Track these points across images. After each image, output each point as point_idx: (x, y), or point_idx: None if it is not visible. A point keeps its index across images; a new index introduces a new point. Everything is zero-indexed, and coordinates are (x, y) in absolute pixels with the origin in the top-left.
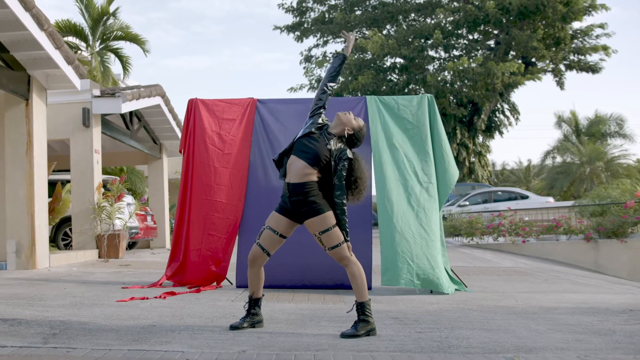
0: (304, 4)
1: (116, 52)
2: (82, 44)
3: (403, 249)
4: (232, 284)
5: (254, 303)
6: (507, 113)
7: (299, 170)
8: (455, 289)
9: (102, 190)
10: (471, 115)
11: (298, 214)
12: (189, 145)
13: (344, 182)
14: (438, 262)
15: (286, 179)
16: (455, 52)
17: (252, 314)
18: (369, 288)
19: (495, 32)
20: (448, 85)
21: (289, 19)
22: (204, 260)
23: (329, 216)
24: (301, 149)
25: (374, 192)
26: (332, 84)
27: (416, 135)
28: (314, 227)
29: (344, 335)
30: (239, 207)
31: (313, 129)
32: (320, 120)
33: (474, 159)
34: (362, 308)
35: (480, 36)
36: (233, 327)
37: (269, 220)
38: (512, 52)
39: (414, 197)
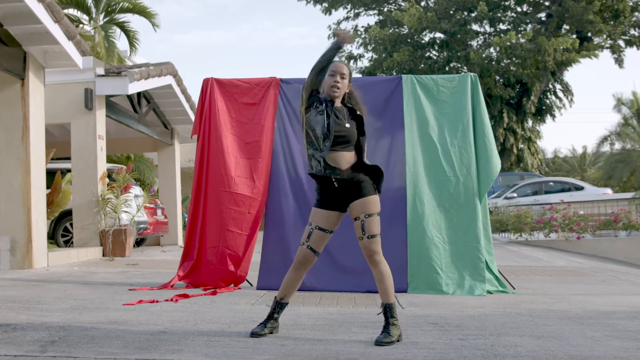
0: None
1: (122, 26)
2: (85, 17)
3: (432, 256)
4: (252, 285)
5: (280, 307)
6: (560, 94)
7: (349, 159)
8: (500, 291)
9: (107, 180)
10: (520, 96)
11: (345, 200)
12: (204, 130)
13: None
14: (470, 266)
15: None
16: (502, 26)
17: (275, 319)
18: (406, 291)
19: (547, 3)
20: (494, 63)
21: None
22: (222, 259)
23: (378, 200)
24: (336, 139)
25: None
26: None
27: (456, 121)
28: (362, 208)
29: (380, 343)
30: (261, 201)
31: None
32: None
33: (522, 146)
34: (391, 310)
35: (530, 8)
36: (254, 334)
37: (315, 219)
38: (565, 26)
39: (447, 195)
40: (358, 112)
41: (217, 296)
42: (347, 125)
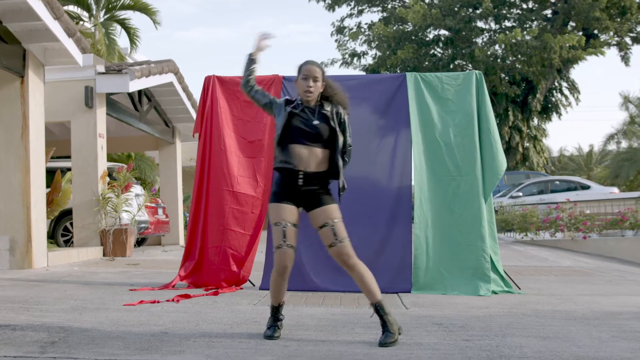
0: None
1: (123, 24)
2: (85, 14)
3: (436, 255)
4: (254, 285)
5: (279, 309)
6: (566, 92)
7: (317, 157)
8: (506, 291)
9: (107, 179)
10: (525, 94)
11: (303, 199)
12: (205, 129)
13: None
14: (475, 266)
15: (296, 166)
16: (508, 23)
17: (280, 320)
18: (410, 291)
19: (553, 0)
20: (499, 60)
21: None
22: (224, 259)
23: (338, 208)
24: (303, 135)
25: (412, 182)
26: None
27: (461, 119)
28: (326, 214)
29: (384, 344)
30: (264, 200)
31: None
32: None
33: (528, 144)
34: (382, 308)
35: (536, 5)
36: (271, 338)
37: (284, 216)
38: (571, 23)
39: (452, 195)
40: (325, 111)
41: (219, 296)
42: (315, 122)
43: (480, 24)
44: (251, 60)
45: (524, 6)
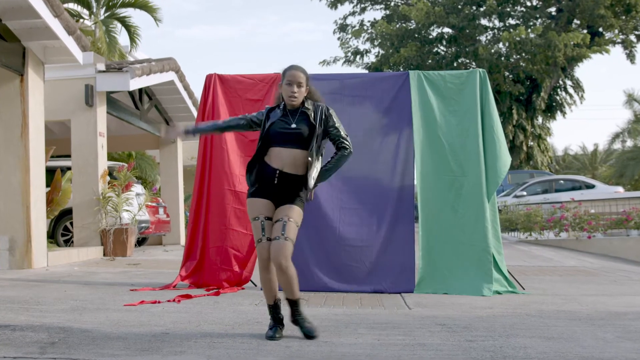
0: None
1: (123, 21)
2: (85, 12)
3: (439, 255)
4: (256, 285)
5: (278, 308)
6: (570, 90)
7: (295, 158)
8: (510, 291)
9: (108, 178)
10: (529, 93)
11: (277, 195)
12: None
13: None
14: (478, 266)
15: (274, 165)
16: (512, 21)
17: (281, 318)
18: (413, 291)
19: None
20: (503, 58)
21: None
22: (226, 259)
23: (302, 214)
24: (282, 138)
25: (415, 182)
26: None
27: (464, 118)
28: (287, 212)
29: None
30: None
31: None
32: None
33: (532, 143)
34: (299, 306)
35: (540, 3)
36: (272, 338)
37: (260, 210)
38: (576, 21)
39: (455, 194)
40: (306, 109)
41: (220, 297)
42: (293, 125)
43: (484, 21)
44: (195, 131)
45: (528, 4)
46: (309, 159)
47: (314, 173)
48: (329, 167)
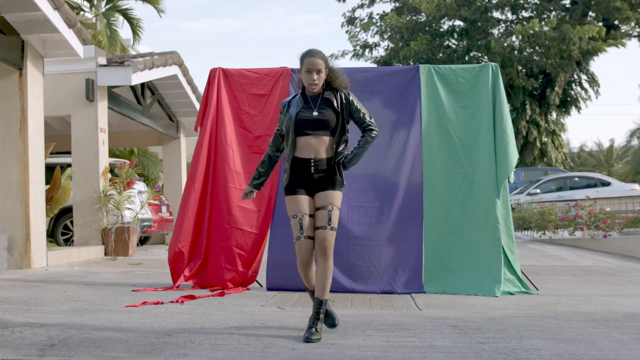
0: None
1: (125, 14)
2: (86, 4)
3: (449, 255)
4: (261, 286)
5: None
6: (585, 85)
7: (325, 144)
8: (523, 292)
9: (109, 175)
10: (543, 87)
11: (315, 185)
12: (211, 124)
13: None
14: (489, 266)
15: (305, 154)
16: (525, 14)
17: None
18: (423, 291)
19: None
20: (516, 52)
21: None
22: (231, 259)
23: (341, 196)
24: (308, 125)
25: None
26: None
27: (476, 113)
28: (328, 199)
29: (309, 340)
30: (271, 197)
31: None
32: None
33: (546, 139)
34: (323, 307)
35: None
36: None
37: (298, 208)
38: (591, 13)
39: (465, 192)
40: (328, 96)
41: (224, 297)
42: (315, 113)
43: (496, 14)
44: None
45: None
46: (335, 144)
47: (343, 158)
48: (358, 152)
